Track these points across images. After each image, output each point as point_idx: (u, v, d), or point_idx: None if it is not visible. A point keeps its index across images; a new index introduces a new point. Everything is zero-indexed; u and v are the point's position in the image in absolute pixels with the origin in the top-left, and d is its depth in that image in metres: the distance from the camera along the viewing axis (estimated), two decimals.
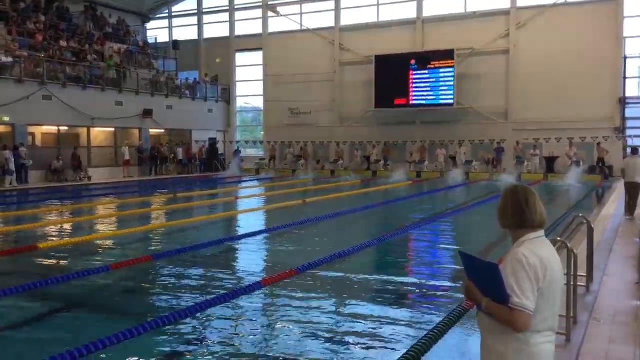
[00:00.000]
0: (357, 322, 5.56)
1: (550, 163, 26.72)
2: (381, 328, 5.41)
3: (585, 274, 6.04)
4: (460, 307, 5.43)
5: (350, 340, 5.09)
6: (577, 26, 26.70)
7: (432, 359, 4.48)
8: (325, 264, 8.04)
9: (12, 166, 21.78)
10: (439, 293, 6.95)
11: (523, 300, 2.37)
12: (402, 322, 5.62)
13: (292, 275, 7.24)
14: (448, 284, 7.36)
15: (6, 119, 22.89)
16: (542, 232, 2.57)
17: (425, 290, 7.08)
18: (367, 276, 7.84)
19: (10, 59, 23.48)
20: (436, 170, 28.57)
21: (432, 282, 7.47)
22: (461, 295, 5.90)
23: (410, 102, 30.25)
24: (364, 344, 5.00)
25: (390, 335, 5.23)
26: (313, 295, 6.52)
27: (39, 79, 24.05)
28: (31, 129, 24.94)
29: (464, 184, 23.56)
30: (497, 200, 2.65)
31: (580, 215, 6.58)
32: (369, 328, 5.39)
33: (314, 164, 31.87)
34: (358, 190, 19.41)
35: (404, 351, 4.39)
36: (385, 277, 7.95)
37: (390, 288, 7.21)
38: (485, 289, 2.45)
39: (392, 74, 30.24)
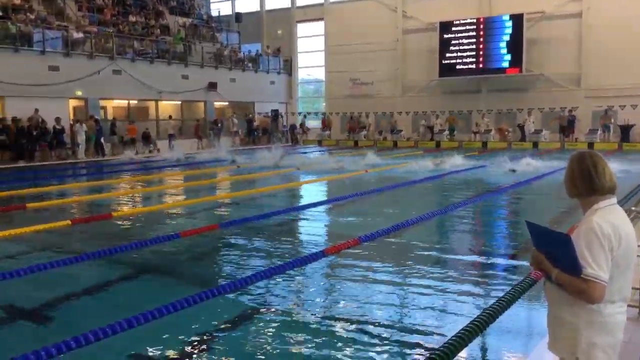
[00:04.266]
0: (419, 292, 5.53)
1: (625, 132, 25.44)
2: (444, 298, 5.36)
3: None
4: (528, 278, 5.30)
5: (412, 310, 5.09)
6: None
7: (496, 330, 4.42)
8: (388, 234, 8.02)
9: (80, 139, 22.75)
10: (504, 263, 6.82)
11: (597, 271, 2.28)
12: (466, 293, 5.54)
13: (354, 245, 7.27)
14: (514, 254, 7.19)
15: (79, 93, 23.86)
16: (614, 199, 2.45)
17: (490, 261, 6.95)
18: (430, 246, 7.77)
19: (81, 35, 24.34)
20: (504, 141, 27.79)
21: (498, 253, 7.33)
22: (528, 266, 5.76)
23: (477, 70, 29.39)
24: (426, 313, 4.98)
25: (454, 305, 5.18)
26: (375, 265, 6.53)
27: (109, 54, 24.86)
28: (103, 103, 25.89)
29: (532, 154, 22.80)
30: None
31: None
32: (431, 298, 5.36)
33: (376, 134, 31.64)
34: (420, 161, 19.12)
35: (467, 322, 4.34)
36: (449, 248, 7.85)
37: (454, 258, 7.12)
38: (556, 259, 2.37)
39: (457, 41, 29.43)
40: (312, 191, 13.59)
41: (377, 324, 4.69)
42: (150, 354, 4.15)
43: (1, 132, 20.72)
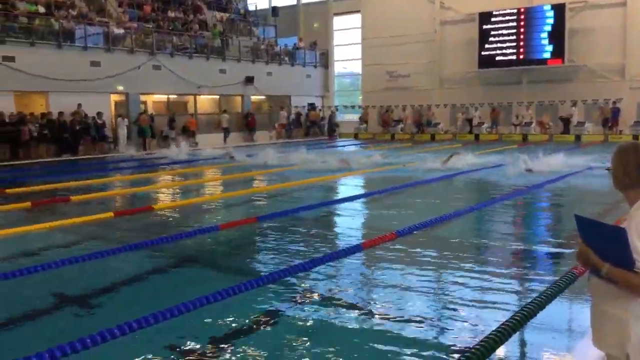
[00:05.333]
0: (457, 287, 5.47)
1: None
2: (482, 294, 5.29)
3: None
4: (569, 273, 5.20)
5: (449, 305, 5.03)
6: None
7: (536, 327, 4.35)
8: (427, 227, 7.97)
9: (121, 133, 23.27)
10: (545, 258, 6.70)
11: None
12: (505, 289, 5.46)
13: (392, 239, 7.25)
14: (554, 249, 7.06)
15: (120, 88, 24.36)
16: None
17: (530, 256, 6.85)
18: (467, 241, 7.68)
19: (121, 31, 24.83)
20: (545, 133, 27.21)
21: (538, 248, 7.20)
22: (570, 261, 5.65)
23: (517, 61, 28.82)
24: (464, 309, 4.92)
25: (492, 301, 5.11)
26: (411, 259, 6.49)
27: (148, 50, 25.29)
28: (143, 98, 26.39)
29: (575, 147, 22.28)
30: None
31: None
32: (469, 293, 5.29)
33: (413, 127, 31.38)
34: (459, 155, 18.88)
35: (506, 318, 4.29)
36: (487, 242, 7.76)
37: (493, 253, 7.03)
38: (606, 253, 2.31)
39: (497, 32, 28.93)
40: (348, 184, 13.58)
41: (414, 318, 4.67)
42: (189, 344, 4.23)
43: (46, 127, 21.33)
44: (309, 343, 4.22)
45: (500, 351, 3.89)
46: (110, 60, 23.74)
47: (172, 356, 4.09)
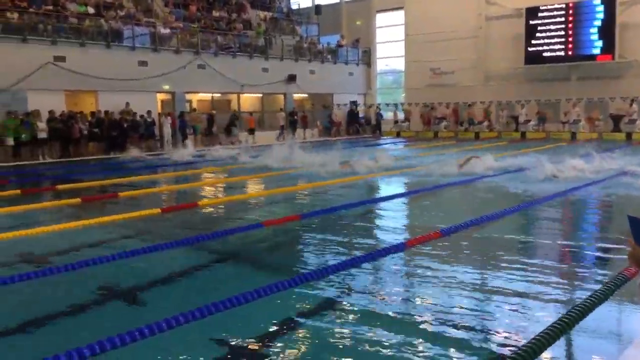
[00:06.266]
0: (501, 288, 5.37)
1: None
2: (527, 296, 5.18)
3: None
4: (620, 274, 5.05)
5: (493, 307, 4.94)
6: None
7: (583, 331, 4.25)
8: (470, 227, 7.87)
9: (166, 131, 23.78)
10: (593, 261, 6.52)
11: None
12: (551, 291, 5.31)
13: (436, 238, 7.19)
14: (603, 251, 6.87)
15: (166, 87, 24.87)
16: None
17: (578, 258, 6.67)
18: (513, 241, 7.54)
19: (168, 31, 25.34)
20: (594, 131, 26.45)
21: (586, 249, 7.01)
22: (621, 262, 5.49)
23: (565, 57, 28.07)
24: (508, 311, 4.83)
25: (538, 304, 4.99)
26: (455, 259, 6.42)
27: (194, 49, 25.73)
28: (188, 96, 26.88)
29: (626, 146, 21.58)
30: None
31: None
32: (513, 295, 5.19)
33: (457, 125, 30.98)
34: (504, 152, 18.56)
35: (553, 320, 4.20)
36: (533, 243, 7.60)
37: (539, 254, 6.87)
38: None
39: (544, 27, 28.25)
40: (391, 183, 13.51)
41: (456, 320, 4.61)
42: (231, 340, 4.29)
43: (95, 125, 21.96)
44: (350, 342, 4.22)
45: (547, 354, 3.81)
46: (156, 59, 24.27)
47: (216, 351, 4.15)
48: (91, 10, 23.84)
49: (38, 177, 16.52)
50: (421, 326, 4.48)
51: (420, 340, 4.22)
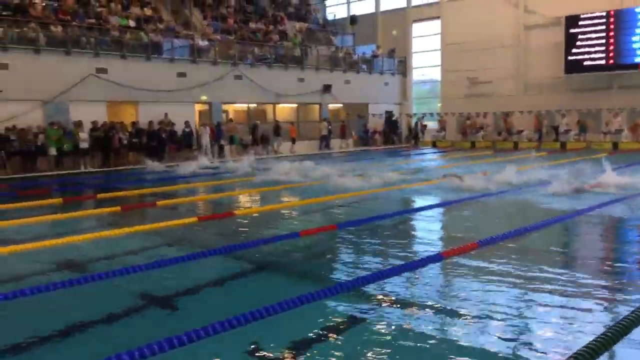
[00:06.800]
0: (541, 301, 5.22)
1: None
2: (569, 309, 5.02)
3: None
4: None
5: (532, 320, 4.78)
6: None
7: (628, 346, 4.08)
8: (508, 238, 7.71)
9: (204, 141, 24.10)
10: (638, 273, 6.29)
11: None
12: (594, 305, 5.13)
13: (473, 249, 7.06)
14: None
15: (204, 97, 25.25)
16: None
17: (622, 270, 6.43)
18: (553, 253, 7.35)
19: (206, 43, 25.76)
20: (637, 140, 25.71)
21: (631, 261, 6.77)
22: None
23: (607, 66, 27.44)
24: (548, 324, 4.68)
25: (580, 317, 4.82)
26: (493, 271, 6.27)
27: (230, 60, 26.07)
28: (224, 107, 27.22)
29: None
30: None
31: None
32: (554, 308, 5.03)
33: (495, 135, 30.54)
34: (544, 162, 18.18)
35: (598, 332, 4.06)
36: (574, 254, 7.40)
37: (580, 266, 6.68)
38: None
39: (585, 36, 27.70)
40: (426, 193, 13.34)
41: (494, 333, 4.49)
42: (266, 349, 4.27)
43: (135, 135, 22.40)
44: (384, 354, 4.16)
45: None
46: (195, 71, 24.68)
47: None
48: (132, 23, 24.42)
49: (79, 186, 16.91)
50: (455, 341, 4.36)
51: (457, 354, 4.12)
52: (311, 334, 4.52)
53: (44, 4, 22.54)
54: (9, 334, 4.72)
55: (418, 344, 4.30)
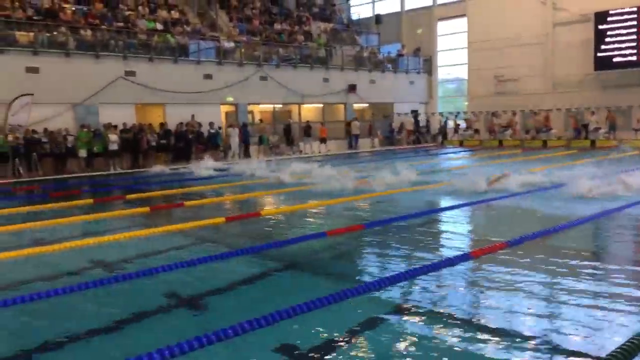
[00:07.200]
0: (570, 303, 5.12)
1: None
2: (598, 312, 4.91)
3: None
4: None
5: (561, 323, 4.68)
6: None
7: None
8: (538, 238, 7.61)
9: (233, 142, 24.30)
10: None
11: None
12: (624, 308, 5.01)
13: (502, 248, 6.99)
14: None
15: (230, 99, 25.45)
16: None
17: None
18: (583, 254, 7.22)
19: (231, 44, 25.96)
20: None
21: None
22: None
23: (637, 62, 26.89)
24: (577, 328, 4.58)
25: (609, 321, 4.70)
26: (522, 271, 6.19)
27: (256, 61, 26.22)
28: (250, 107, 27.40)
29: None
30: None
31: None
32: (583, 311, 4.93)
33: (523, 133, 30.14)
34: (574, 162, 17.89)
35: (629, 336, 3.98)
36: (605, 256, 7.27)
37: (611, 268, 6.52)
38: None
39: (614, 32, 27.17)
40: (453, 192, 13.22)
41: (522, 335, 4.43)
42: (293, 348, 4.28)
43: (163, 137, 22.69)
44: (413, 352, 4.14)
45: None
46: (221, 72, 24.89)
47: (278, 359, 4.16)
48: (159, 26, 24.74)
49: (109, 187, 17.19)
50: (481, 343, 4.32)
51: (486, 352, 4.09)
52: (337, 334, 4.52)
53: (73, 9, 22.99)
54: (42, 333, 4.83)
55: (443, 346, 4.27)
